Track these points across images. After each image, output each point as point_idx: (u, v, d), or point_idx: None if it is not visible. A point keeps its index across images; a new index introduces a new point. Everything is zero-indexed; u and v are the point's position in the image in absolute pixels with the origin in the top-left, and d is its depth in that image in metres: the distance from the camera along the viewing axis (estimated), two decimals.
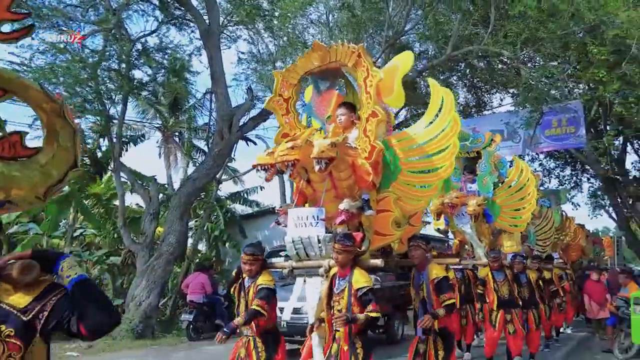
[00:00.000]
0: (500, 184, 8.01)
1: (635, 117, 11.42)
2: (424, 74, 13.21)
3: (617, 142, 14.96)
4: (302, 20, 13.58)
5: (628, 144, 16.62)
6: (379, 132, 3.97)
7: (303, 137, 3.66)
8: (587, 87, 12.82)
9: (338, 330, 3.68)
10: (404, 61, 4.15)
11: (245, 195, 17.11)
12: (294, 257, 4.01)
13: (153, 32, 12.16)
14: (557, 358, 8.62)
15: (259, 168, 3.66)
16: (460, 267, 7.63)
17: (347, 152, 3.82)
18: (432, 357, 4.18)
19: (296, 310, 5.31)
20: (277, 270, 4.36)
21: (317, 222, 3.78)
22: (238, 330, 3.89)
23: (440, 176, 4.10)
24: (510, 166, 8.35)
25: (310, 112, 4.57)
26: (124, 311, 11.20)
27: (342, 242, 3.66)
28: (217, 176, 14.15)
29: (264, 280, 3.91)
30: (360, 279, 3.64)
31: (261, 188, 17.17)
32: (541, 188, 12.85)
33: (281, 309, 4.80)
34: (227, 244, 15.52)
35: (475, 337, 8.42)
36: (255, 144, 14.20)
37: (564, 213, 12.52)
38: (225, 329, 3.76)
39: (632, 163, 18.68)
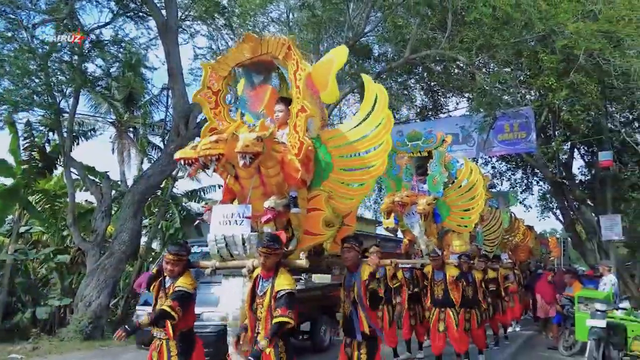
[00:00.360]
0: (450, 184, 8.12)
1: (582, 124, 11.81)
2: (382, 75, 13.30)
3: (565, 148, 15.38)
4: (263, 18, 13.48)
5: (575, 149, 17.14)
6: (312, 128, 3.88)
7: (229, 130, 3.52)
8: (537, 94, 13.14)
9: (259, 333, 3.54)
10: (338, 55, 4.05)
11: (202, 193, 16.86)
12: (214, 256, 3.83)
13: (107, 24, 11.79)
14: (505, 355, 8.78)
15: (182, 162, 3.47)
16: (409, 266, 7.72)
17: (275, 147, 3.69)
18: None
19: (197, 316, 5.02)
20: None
21: (242, 220, 3.63)
22: (153, 333, 3.71)
23: (373, 174, 4.01)
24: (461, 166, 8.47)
25: (244, 106, 4.43)
26: (73, 311, 10.82)
27: (270, 245, 3.49)
28: (173, 173, 13.86)
29: (183, 282, 3.73)
30: (283, 282, 3.49)
31: (219, 186, 16.91)
32: (492, 190, 13.14)
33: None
34: None
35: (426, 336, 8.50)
36: None
37: (513, 214, 12.84)
38: (126, 326, 3.55)
39: (579, 168, 19.38)
